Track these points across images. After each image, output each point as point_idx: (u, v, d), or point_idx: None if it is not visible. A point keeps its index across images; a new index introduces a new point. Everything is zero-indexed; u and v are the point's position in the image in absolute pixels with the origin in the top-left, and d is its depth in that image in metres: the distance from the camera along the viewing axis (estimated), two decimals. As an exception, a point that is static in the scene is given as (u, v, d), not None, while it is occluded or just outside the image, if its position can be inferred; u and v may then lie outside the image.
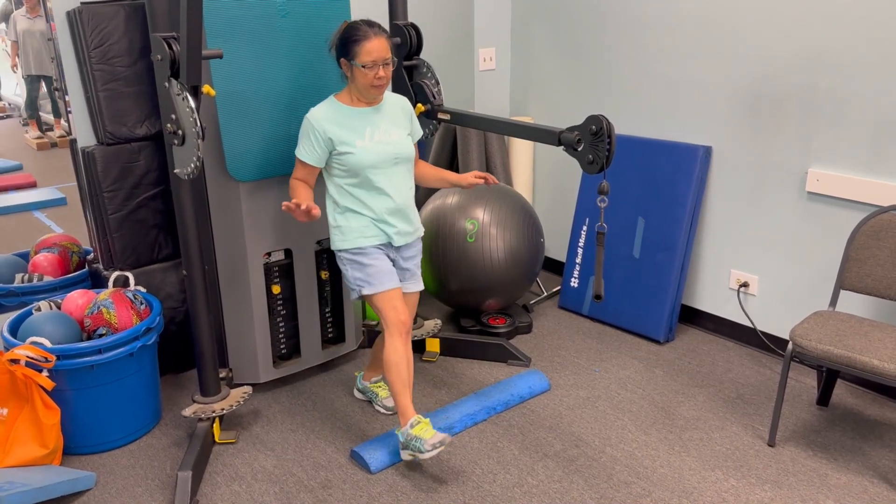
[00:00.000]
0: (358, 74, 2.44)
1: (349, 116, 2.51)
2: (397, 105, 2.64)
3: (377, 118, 2.54)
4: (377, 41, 2.40)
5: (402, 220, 2.60)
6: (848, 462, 2.61)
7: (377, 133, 2.52)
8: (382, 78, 2.44)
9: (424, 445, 2.43)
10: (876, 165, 2.84)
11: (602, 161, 2.32)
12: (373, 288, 2.55)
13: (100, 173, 2.94)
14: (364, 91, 2.48)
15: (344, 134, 2.48)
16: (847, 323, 2.62)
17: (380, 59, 2.41)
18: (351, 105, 2.52)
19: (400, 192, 2.57)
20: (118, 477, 2.62)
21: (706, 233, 3.47)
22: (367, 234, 2.56)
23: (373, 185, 2.51)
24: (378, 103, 2.57)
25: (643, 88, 3.57)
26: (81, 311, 2.80)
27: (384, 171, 2.52)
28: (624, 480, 2.54)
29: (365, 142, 2.49)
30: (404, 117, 2.64)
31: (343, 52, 2.45)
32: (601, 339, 3.54)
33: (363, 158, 2.47)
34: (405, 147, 2.57)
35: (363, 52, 2.40)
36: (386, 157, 2.51)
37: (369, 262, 2.56)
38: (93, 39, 2.83)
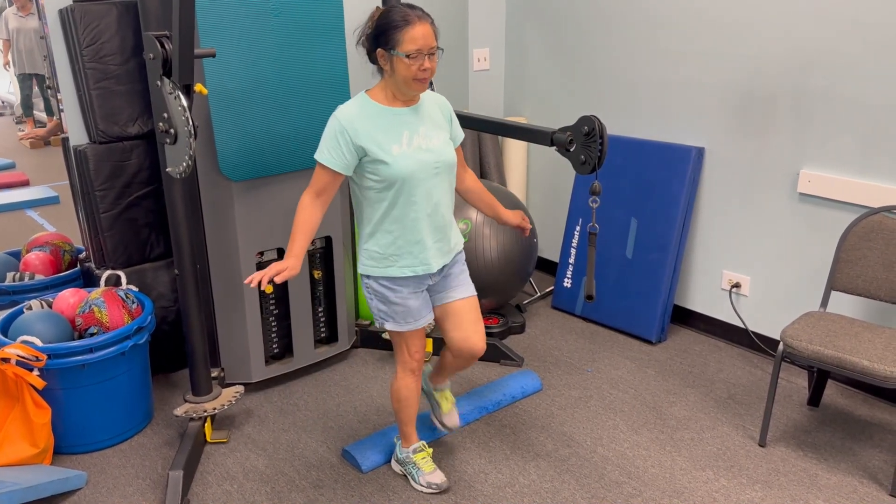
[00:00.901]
0: (399, 66, 2.09)
1: (384, 117, 2.16)
2: (435, 104, 2.29)
3: (415, 120, 2.20)
4: (422, 27, 2.06)
5: (440, 240, 2.28)
6: (838, 462, 2.62)
7: (416, 138, 2.18)
8: (428, 70, 2.09)
9: (420, 478, 2.49)
10: (867, 167, 2.85)
11: (594, 162, 2.32)
12: (396, 325, 2.31)
13: (92, 172, 2.94)
14: (404, 86, 2.13)
15: (379, 138, 2.13)
16: (838, 324, 2.63)
17: (426, 48, 2.07)
18: (385, 104, 2.18)
19: (439, 206, 2.23)
20: (109, 476, 2.62)
21: (698, 233, 3.48)
22: (401, 263, 2.24)
23: (409, 198, 2.17)
24: (416, 102, 2.23)
25: (636, 89, 3.57)
26: (73, 309, 2.80)
27: (423, 183, 2.17)
28: (615, 480, 2.54)
29: (402, 148, 2.15)
30: (443, 118, 2.30)
31: (380, 41, 2.11)
32: (593, 340, 3.55)
33: (400, 168, 2.13)
34: (447, 154, 2.23)
35: (406, 39, 2.05)
36: (426, 166, 2.17)
37: (396, 301, 2.27)
38: (85, 38, 2.82)
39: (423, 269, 2.26)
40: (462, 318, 2.36)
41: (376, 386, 3.15)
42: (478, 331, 2.38)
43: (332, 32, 2.83)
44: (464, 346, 2.38)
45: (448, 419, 2.60)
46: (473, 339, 2.37)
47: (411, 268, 2.25)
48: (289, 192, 2.92)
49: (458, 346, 2.39)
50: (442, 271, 2.34)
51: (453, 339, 2.38)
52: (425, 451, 2.53)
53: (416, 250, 2.23)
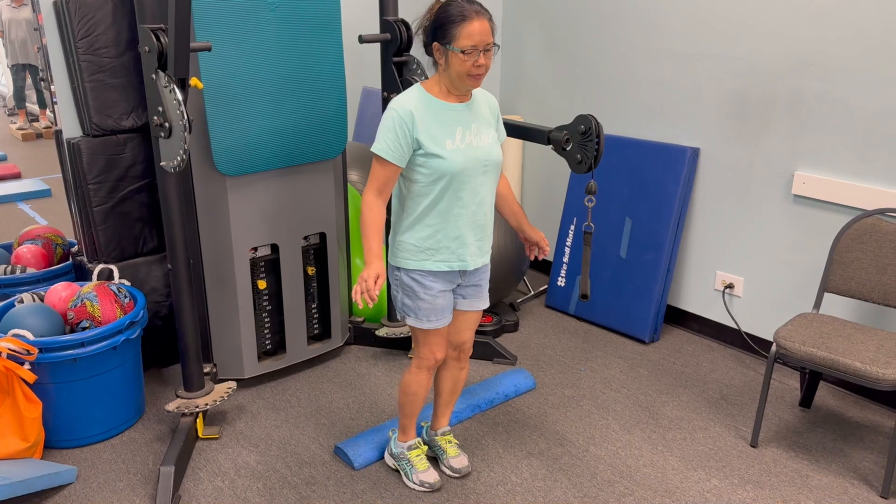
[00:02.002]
0: (454, 61, 2.08)
1: (439, 111, 2.15)
2: (485, 102, 2.29)
3: (468, 117, 2.20)
4: (480, 23, 2.05)
5: (480, 238, 2.28)
6: (829, 463, 2.63)
7: (468, 134, 2.18)
8: (483, 66, 2.09)
9: (414, 475, 2.50)
10: (861, 169, 2.86)
11: (590, 161, 2.32)
12: (419, 322, 2.30)
13: (85, 165, 2.92)
14: (458, 81, 2.12)
15: (434, 132, 2.13)
16: (830, 325, 2.64)
17: (482, 44, 2.06)
18: (441, 98, 2.17)
19: (483, 205, 2.24)
20: (100, 471, 2.60)
21: (693, 234, 3.49)
22: (437, 258, 2.22)
23: (456, 194, 2.17)
24: (469, 98, 2.22)
25: (632, 89, 3.57)
26: (65, 303, 2.78)
27: (472, 180, 2.18)
28: (607, 479, 2.55)
29: (456, 143, 2.15)
30: (492, 117, 2.29)
31: (437, 34, 2.10)
32: (587, 339, 3.55)
33: (452, 163, 2.13)
34: (495, 153, 2.24)
35: (463, 34, 2.04)
36: (476, 163, 2.17)
37: (425, 297, 2.26)
38: (79, 30, 2.80)
39: (459, 265, 2.26)
40: (467, 326, 2.44)
41: (369, 383, 3.15)
42: (472, 336, 2.49)
43: (328, 27, 2.82)
44: (457, 348, 2.47)
45: (456, 462, 2.56)
46: (469, 343, 2.48)
47: (447, 263, 2.24)
48: (283, 187, 2.91)
49: (452, 347, 2.47)
50: (474, 274, 2.35)
51: (452, 341, 2.46)
52: (420, 448, 2.54)
53: (454, 245, 2.23)
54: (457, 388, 2.55)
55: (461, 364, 2.50)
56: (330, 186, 3.05)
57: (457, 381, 2.53)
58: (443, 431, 2.60)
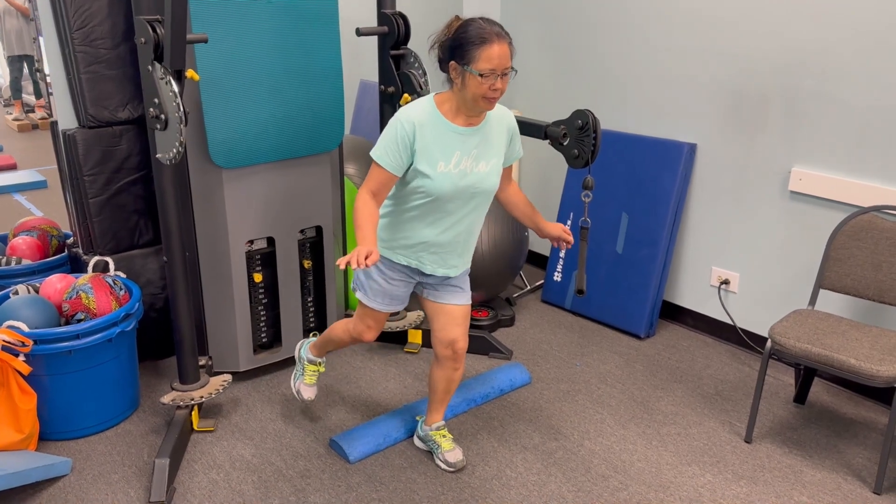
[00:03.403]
0: (471, 83, 2.06)
1: (443, 132, 2.15)
2: (501, 123, 2.27)
3: (472, 141, 2.19)
4: (500, 47, 2.03)
5: (449, 254, 2.31)
6: (823, 459, 2.64)
7: (465, 160, 2.17)
8: (498, 90, 2.07)
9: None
10: (858, 166, 2.86)
11: (587, 156, 2.32)
12: (364, 298, 2.39)
13: (81, 156, 2.91)
14: (472, 103, 2.10)
15: (431, 152, 2.14)
16: (826, 322, 2.65)
17: (500, 68, 2.04)
18: (449, 118, 2.16)
19: (458, 225, 2.26)
20: (94, 463, 2.60)
21: (689, 230, 3.49)
22: (397, 251, 2.30)
23: (435, 210, 2.21)
24: (480, 122, 2.20)
25: (629, 84, 3.57)
26: (60, 295, 2.77)
27: (454, 202, 2.21)
28: (601, 474, 2.55)
29: (448, 167, 2.15)
30: (504, 138, 2.28)
31: (454, 54, 2.08)
32: (582, 334, 3.55)
33: (438, 187, 2.15)
34: (490, 182, 2.23)
35: (483, 57, 2.02)
36: (463, 190, 2.19)
37: (377, 279, 2.34)
38: (75, 21, 2.79)
39: (416, 264, 2.31)
40: (453, 321, 2.42)
41: (365, 377, 3.15)
42: (464, 334, 2.44)
43: (325, 20, 2.81)
44: (445, 336, 2.43)
45: (451, 456, 2.56)
46: (456, 331, 2.42)
47: (406, 258, 2.31)
48: (279, 180, 2.90)
49: (440, 336, 2.43)
50: (434, 278, 2.38)
51: (441, 338, 2.43)
52: (318, 367, 2.72)
53: (418, 248, 2.29)
54: (450, 388, 2.54)
55: (455, 364, 2.47)
56: (327, 180, 3.04)
57: (451, 381, 2.52)
58: (437, 426, 2.61)
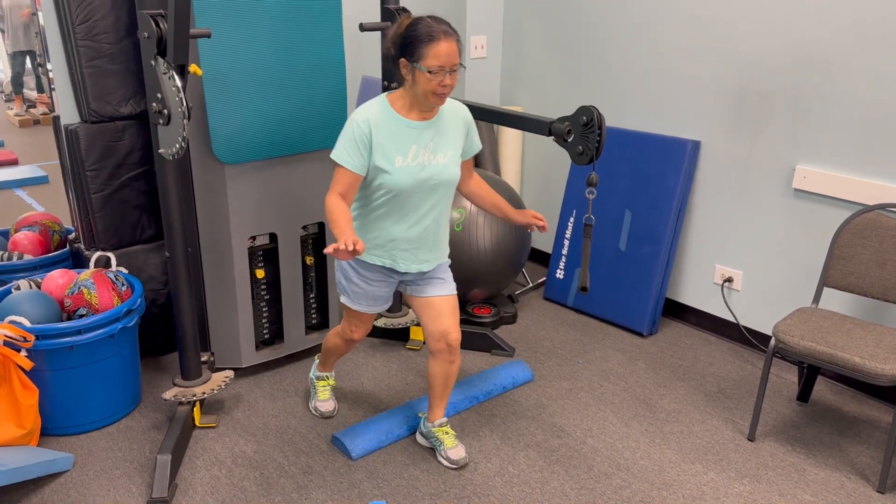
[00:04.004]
0: (421, 79, 2.13)
1: (397, 128, 2.22)
2: (455, 117, 2.33)
3: (427, 135, 2.26)
4: (448, 44, 2.10)
5: (420, 249, 2.36)
6: (826, 458, 2.63)
7: (422, 153, 2.24)
8: (448, 86, 2.15)
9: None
10: (862, 164, 2.85)
11: (592, 152, 2.31)
12: (348, 301, 2.47)
13: (83, 151, 2.90)
14: (423, 98, 2.18)
15: (388, 146, 2.21)
16: (830, 320, 2.64)
17: (448, 65, 2.11)
18: (402, 114, 2.24)
19: (424, 219, 2.31)
20: (96, 459, 2.60)
21: (692, 227, 3.48)
22: (372, 252, 2.35)
23: (399, 205, 2.27)
24: (433, 116, 2.27)
25: (633, 81, 3.56)
26: (62, 290, 2.77)
27: (418, 195, 2.27)
28: (604, 471, 2.55)
29: (406, 161, 2.22)
30: (461, 131, 2.35)
31: (404, 51, 2.15)
32: (585, 331, 3.55)
33: (398, 181, 2.22)
34: (449, 173, 2.29)
35: (431, 55, 2.09)
36: (423, 182, 2.25)
37: (357, 282, 2.40)
38: (78, 15, 2.78)
39: (390, 262, 2.36)
40: (440, 312, 2.43)
41: (367, 373, 3.15)
42: (454, 325, 2.44)
43: (329, 15, 2.80)
44: (437, 329, 2.43)
45: (454, 453, 2.56)
46: (446, 323, 2.43)
47: (380, 258, 2.36)
48: (282, 176, 2.89)
49: (432, 329, 2.44)
50: (411, 275, 2.42)
51: (432, 331, 2.44)
52: (327, 380, 2.78)
53: (389, 246, 2.34)
54: (448, 383, 2.54)
55: (451, 357, 2.47)
56: (329, 176, 3.03)
57: (448, 375, 2.51)
58: (440, 423, 2.61)
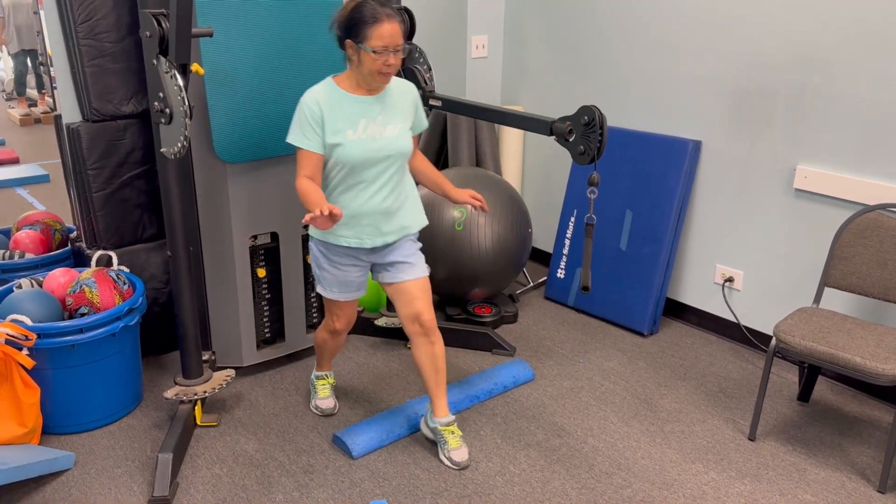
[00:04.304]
0: (365, 59, 2.23)
1: (345, 104, 2.31)
2: (403, 94, 2.43)
3: (376, 108, 2.35)
4: (390, 25, 2.20)
5: (382, 220, 2.42)
6: (827, 457, 2.64)
7: (371, 126, 2.33)
8: (392, 66, 2.24)
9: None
10: (863, 164, 2.85)
11: (593, 152, 2.31)
12: (323, 290, 2.53)
13: (85, 150, 2.90)
14: (369, 78, 2.27)
15: (338, 122, 2.29)
16: (830, 320, 2.64)
17: (392, 45, 2.21)
18: (349, 91, 2.33)
19: (383, 190, 2.38)
20: (98, 457, 2.60)
21: (693, 227, 3.48)
22: (338, 232, 2.41)
23: (356, 179, 2.35)
24: (380, 91, 2.37)
25: (634, 81, 3.56)
26: (63, 289, 2.77)
27: (372, 168, 2.34)
28: (605, 471, 2.55)
29: (357, 134, 2.30)
30: (409, 107, 2.44)
31: (350, 33, 2.24)
32: (586, 331, 3.55)
33: (351, 153, 2.30)
34: (400, 143, 2.37)
35: (374, 35, 2.19)
36: (376, 153, 2.33)
37: (328, 269, 2.47)
38: (80, 14, 2.78)
39: (356, 241, 2.42)
40: (413, 296, 2.49)
41: (368, 372, 3.15)
42: (426, 306, 2.49)
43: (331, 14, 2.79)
44: (414, 320, 2.49)
45: (457, 455, 2.55)
46: (424, 314, 2.48)
47: (346, 239, 2.42)
48: (284, 175, 2.89)
49: (410, 321, 2.50)
50: (384, 249, 2.48)
51: (405, 314, 2.50)
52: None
53: (351, 223, 2.40)
54: (437, 365, 2.53)
55: (430, 339, 2.50)
56: (330, 175, 3.04)
57: (433, 357, 2.52)
58: (447, 421, 2.59)
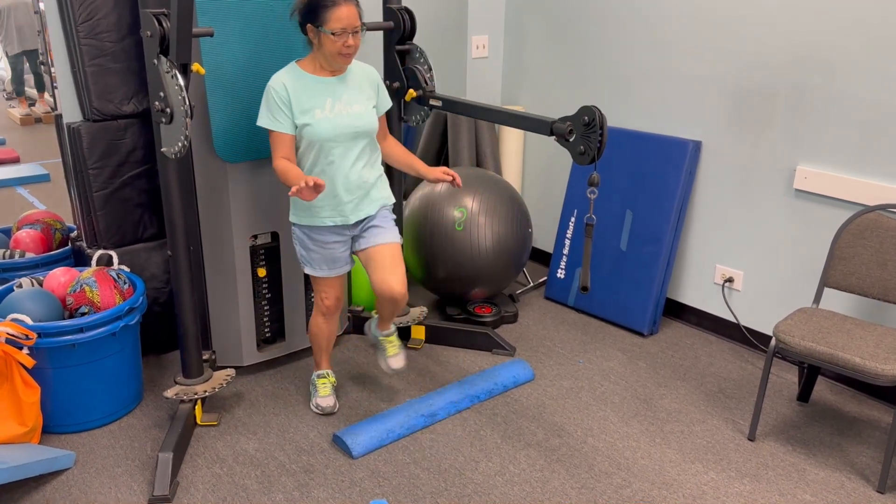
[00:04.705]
0: (326, 42, 2.36)
1: (310, 85, 2.43)
2: (364, 75, 2.56)
3: (340, 88, 2.47)
4: (347, 8, 2.32)
5: (358, 196, 2.54)
6: (826, 458, 2.64)
7: (338, 104, 2.45)
8: (351, 47, 2.37)
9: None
10: (863, 164, 2.85)
11: (593, 152, 2.31)
12: (312, 270, 2.62)
13: (85, 150, 2.90)
14: (331, 59, 2.40)
15: (304, 104, 2.40)
16: (830, 320, 2.64)
17: (350, 27, 2.34)
18: (314, 73, 2.45)
19: (356, 166, 2.50)
20: (98, 457, 2.60)
21: (693, 227, 3.49)
22: (321, 214, 2.51)
23: (329, 158, 2.46)
24: (342, 73, 2.50)
25: (634, 81, 3.56)
26: (64, 289, 2.77)
27: (342, 145, 2.46)
28: (605, 471, 2.55)
29: (325, 112, 2.42)
30: (370, 88, 2.57)
31: (310, 17, 2.36)
32: (586, 331, 3.55)
33: (321, 130, 2.41)
34: (367, 120, 2.50)
35: (333, 18, 2.31)
36: (345, 130, 2.44)
37: (314, 248, 2.57)
38: (81, 13, 2.78)
39: (340, 219, 2.53)
40: (381, 261, 2.58)
41: (368, 372, 3.15)
42: (395, 273, 2.57)
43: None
44: (383, 287, 2.57)
45: (394, 361, 2.80)
46: (390, 280, 2.56)
47: (331, 218, 2.52)
48: (284, 175, 2.90)
49: (379, 287, 2.58)
50: (363, 223, 2.60)
51: (374, 280, 2.59)
52: (328, 378, 2.87)
53: (333, 203, 2.50)
54: (396, 310, 2.71)
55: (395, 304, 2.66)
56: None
57: (395, 306, 2.66)
58: (387, 333, 2.82)
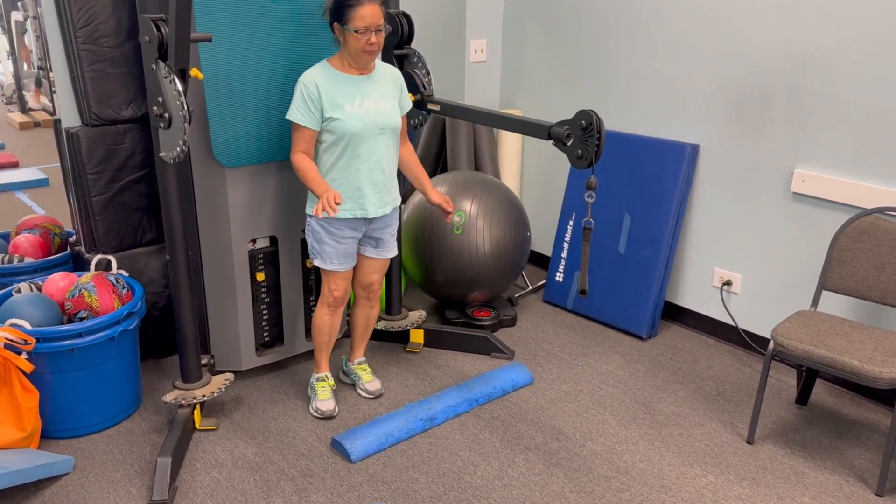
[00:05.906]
0: (350, 39, 2.47)
1: (340, 82, 2.54)
2: (388, 75, 2.67)
3: (367, 86, 2.58)
4: (370, 7, 2.44)
5: (379, 191, 2.65)
6: (825, 461, 2.64)
7: (366, 101, 2.56)
8: (374, 44, 2.48)
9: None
10: (861, 168, 2.86)
11: (591, 156, 2.32)
12: (322, 263, 2.70)
13: (84, 155, 2.91)
14: (356, 56, 2.51)
15: (335, 99, 2.51)
16: (828, 323, 2.65)
17: (372, 25, 2.44)
18: (342, 71, 2.56)
19: (381, 162, 2.61)
20: (97, 462, 2.60)
21: (691, 230, 3.49)
22: (342, 207, 2.62)
23: (355, 152, 2.56)
24: (370, 71, 2.60)
25: (632, 85, 3.57)
26: (62, 293, 2.77)
27: (368, 140, 2.56)
28: (603, 474, 2.55)
29: (354, 108, 2.53)
30: (394, 88, 2.68)
31: (336, 16, 2.48)
32: (584, 334, 3.55)
33: (350, 125, 2.51)
34: (392, 118, 2.61)
35: (356, 17, 2.43)
36: (372, 126, 2.55)
37: (328, 241, 2.66)
38: (79, 19, 2.79)
39: (361, 213, 2.64)
40: (373, 269, 2.85)
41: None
42: (379, 278, 2.88)
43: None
44: (367, 288, 2.88)
45: (370, 385, 2.98)
46: (375, 285, 2.90)
47: (351, 211, 2.63)
48: (283, 179, 2.90)
49: (362, 287, 2.88)
50: (377, 222, 2.73)
51: (360, 281, 2.87)
52: (327, 381, 2.93)
53: (355, 196, 2.61)
54: (369, 325, 3.01)
55: (371, 303, 2.94)
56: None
57: (369, 317, 2.98)
58: (359, 361, 3.05)
